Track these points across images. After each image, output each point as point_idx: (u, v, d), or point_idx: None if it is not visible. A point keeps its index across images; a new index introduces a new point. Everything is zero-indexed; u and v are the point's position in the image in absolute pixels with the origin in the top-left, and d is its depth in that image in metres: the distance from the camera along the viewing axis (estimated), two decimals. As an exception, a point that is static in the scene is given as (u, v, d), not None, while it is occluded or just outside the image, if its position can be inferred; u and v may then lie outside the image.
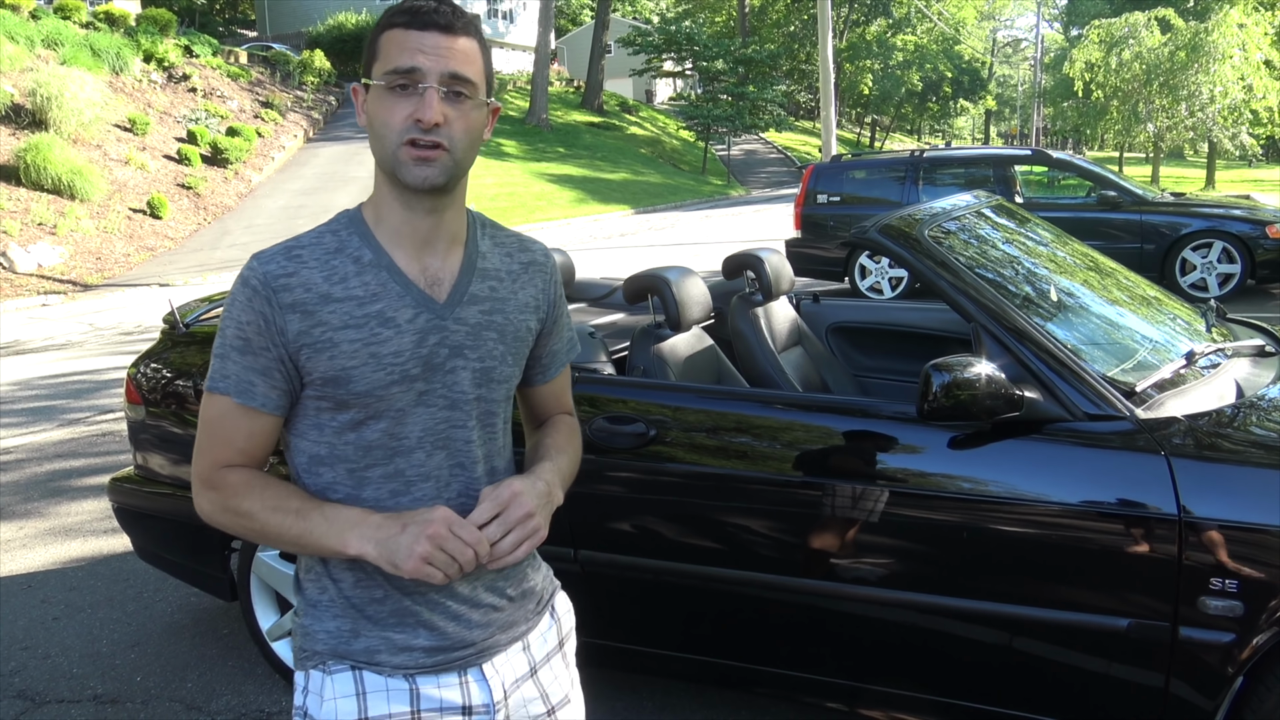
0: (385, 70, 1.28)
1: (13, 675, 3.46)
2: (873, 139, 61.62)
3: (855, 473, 2.39)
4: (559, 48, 55.92)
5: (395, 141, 1.28)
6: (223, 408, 1.33)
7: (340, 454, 1.34)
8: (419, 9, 1.28)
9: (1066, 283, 2.85)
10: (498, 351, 1.39)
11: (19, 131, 18.64)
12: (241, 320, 1.30)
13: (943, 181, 10.45)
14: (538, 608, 1.51)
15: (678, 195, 31.20)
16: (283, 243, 1.35)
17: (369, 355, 1.30)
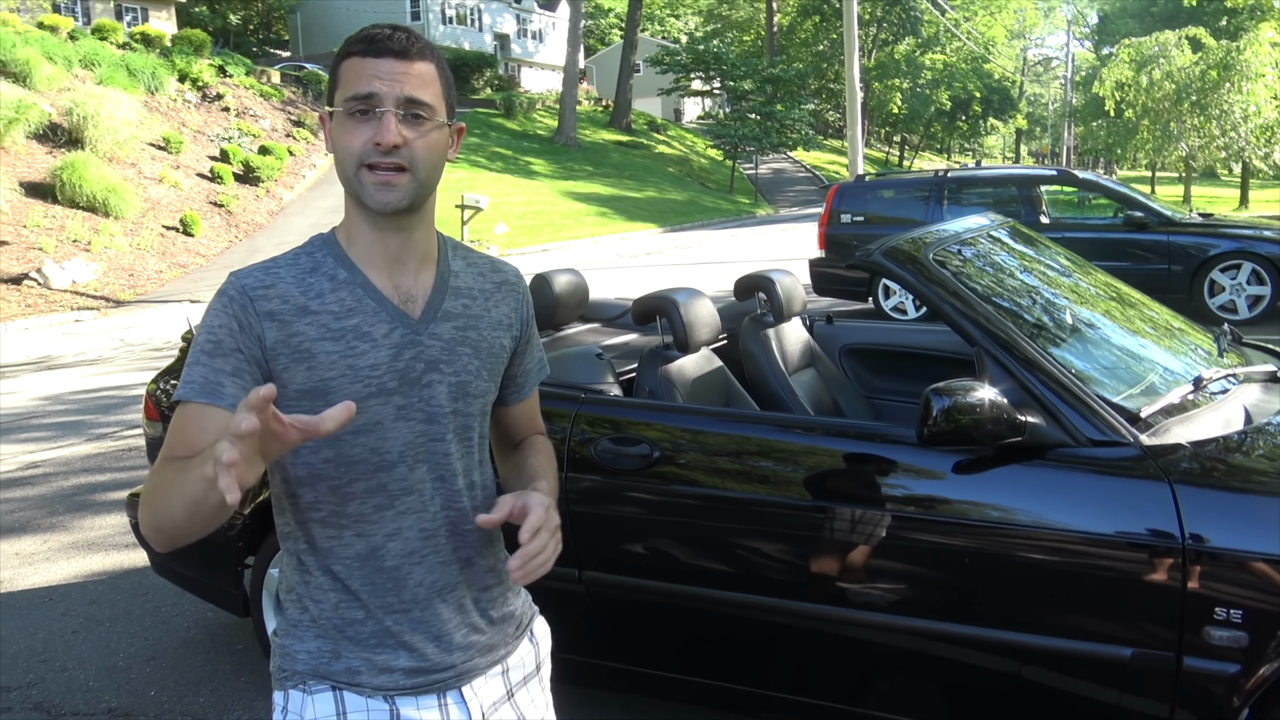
0: (345, 97, 1.31)
1: (30, 688, 3.51)
2: (901, 158, 61.44)
3: (859, 497, 2.38)
4: (588, 67, 56.26)
5: (355, 165, 1.30)
6: (187, 414, 1.27)
7: (321, 472, 1.34)
8: (375, 36, 1.32)
9: (1075, 306, 2.84)
10: (473, 366, 1.41)
11: (56, 150, 18.99)
12: (213, 325, 1.30)
13: (968, 201, 10.40)
14: (517, 632, 1.53)
15: (705, 214, 31.25)
16: (260, 262, 1.37)
17: (347, 367, 1.32)
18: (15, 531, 5.15)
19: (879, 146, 65.08)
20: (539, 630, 1.59)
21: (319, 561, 1.37)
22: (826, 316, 4.03)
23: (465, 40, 46.68)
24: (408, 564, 1.37)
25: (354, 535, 1.36)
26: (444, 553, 1.40)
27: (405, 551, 1.37)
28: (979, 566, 2.23)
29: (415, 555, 1.37)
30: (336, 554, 1.36)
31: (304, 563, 1.39)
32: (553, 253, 21.71)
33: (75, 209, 17.47)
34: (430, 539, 1.38)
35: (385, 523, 1.36)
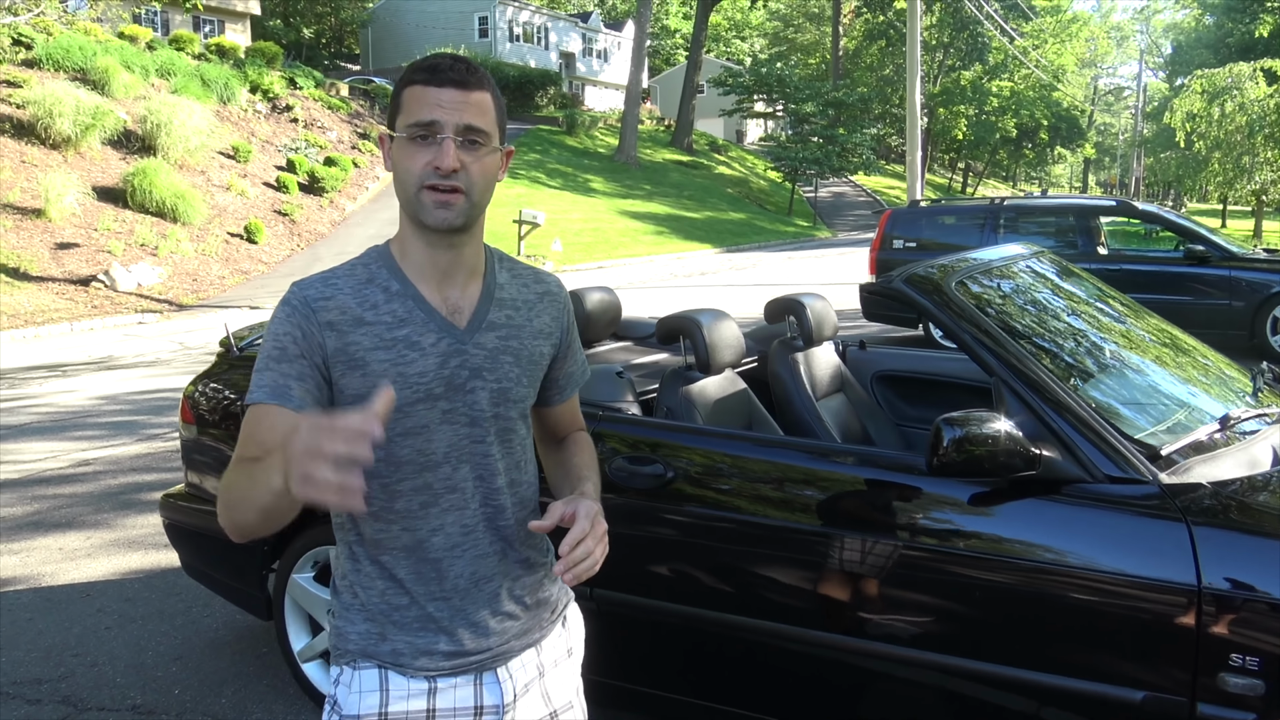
0: (407, 123, 1.40)
1: (60, 680, 3.58)
2: (965, 184, 60.81)
3: (873, 525, 2.35)
4: (651, 87, 56.57)
5: (416, 186, 1.41)
6: (257, 415, 1.39)
7: (372, 471, 1.43)
8: (437, 66, 1.42)
9: (1105, 340, 2.78)
10: (513, 374, 1.51)
11: (129, 156, 19.55)
12: (279, 333, 1.42)
13: (1025, 230, 10.26)
14: (552, 617, 1.63)
15: (762, 235, 31.19)
16: (320, 273, 1.49)
17: (397, 374, 1.42)
18: (61, 527, 5.28)
19: (942, 173, 64.51)
20: (572, 616, 1.69)
21: (369, 552, 1.49)
22: (859, 342, 3.99)
23: (531, 58, 47.22)
24: (449, 557, 1.48)
25: (401, 529, 1.47)
26: (482, 546, 1.50)
27: (448, 545, 1.48)
28: (990, 601, 2.18)
29: (457, 549, 1.48)
30: (385, 545, 1.48)
31: (355, 553, 1.51)
32: (608, 270, 21.81)
33: (145, 214, 17.95)
34: (470, 534, 1.49)
35: (430, 518, 1.47)
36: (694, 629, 2.57)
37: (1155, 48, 70.10)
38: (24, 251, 15.63)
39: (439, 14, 45.39)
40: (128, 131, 20.11)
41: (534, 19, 49.10)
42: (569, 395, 1.69)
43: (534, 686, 1.58)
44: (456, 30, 44.81)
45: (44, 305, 14.16)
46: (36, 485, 6.08)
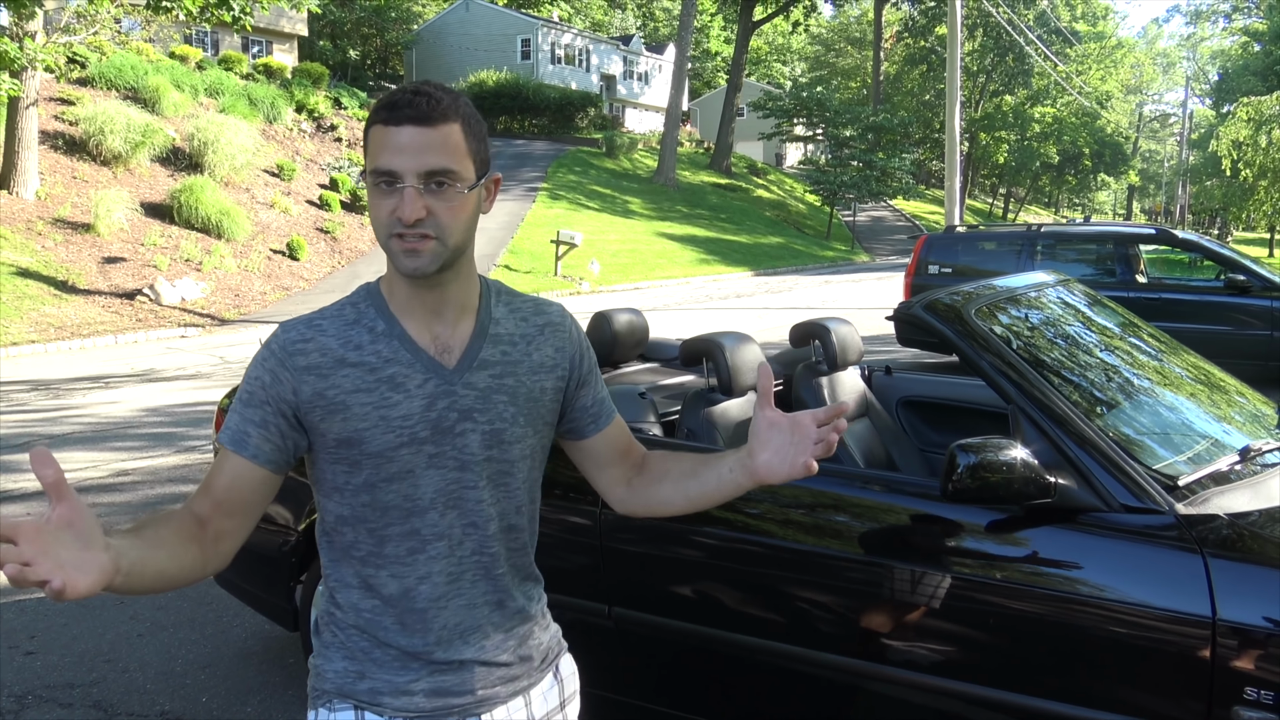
0: (371, 169, 1.34)
1: (92, 686, 3.66)
2: (1006, 210, 60.41)
3: (892, 550, 2.36)
4: (691, 109, 56.84)
5: (385, 234, 1.34)
6: (219, 456, 1.39)
7: (360, 515, 1.41)
8: (396, 103, 1.32)
9: (1127, 369, 2.77)
10: (508, 414, 1.43)
11: (176, 173, 19.96)
12: (252, 376, 1.39)
13: (1062, 257, 10.18)
14: (543, 665, 1.55)
15: (799, 259, 31.16)
16: (309, 314, 1.43)
17: (379, 418, 1.36)
18: (99, 535, 5.38)
19: (983, 198, 64.12)
20: (565, 667, 1.61)
21: (354, 596, 1.43)
22: (885, 368, 3.99)
23: (572, 80, 47.65)
24: (434, 607, 1.42)
25: (389, 576, 1.41)
26: (470, 596, 1.44)
27: (434, 595, 1.42)
28: (1006, 628, 2.18)
29: (443, 599, 1.42)
30: (375, 589, 1.42)
31: (338, 596, 1.45)
32: (644, 291, 21.88)
33: (190, 230, 18.29)
34: (456, 582, 1.43)
35: (418, 565, 1.41)
36: (712, 650, 2.58)
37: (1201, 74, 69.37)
38: (73, 265, 15.98)
39: (482, 36, 45.96)
40: (176, 149, 20.54)
41: (576, 41, 49.56)
42: (605, 423, 1.58)
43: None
44: (499, 52, 45.34)
45: (90, 318, 14.46)
46: (77, 494, 6.19)
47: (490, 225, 25.09)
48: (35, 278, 15.11)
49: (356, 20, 42.57)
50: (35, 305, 14.30)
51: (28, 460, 6.90)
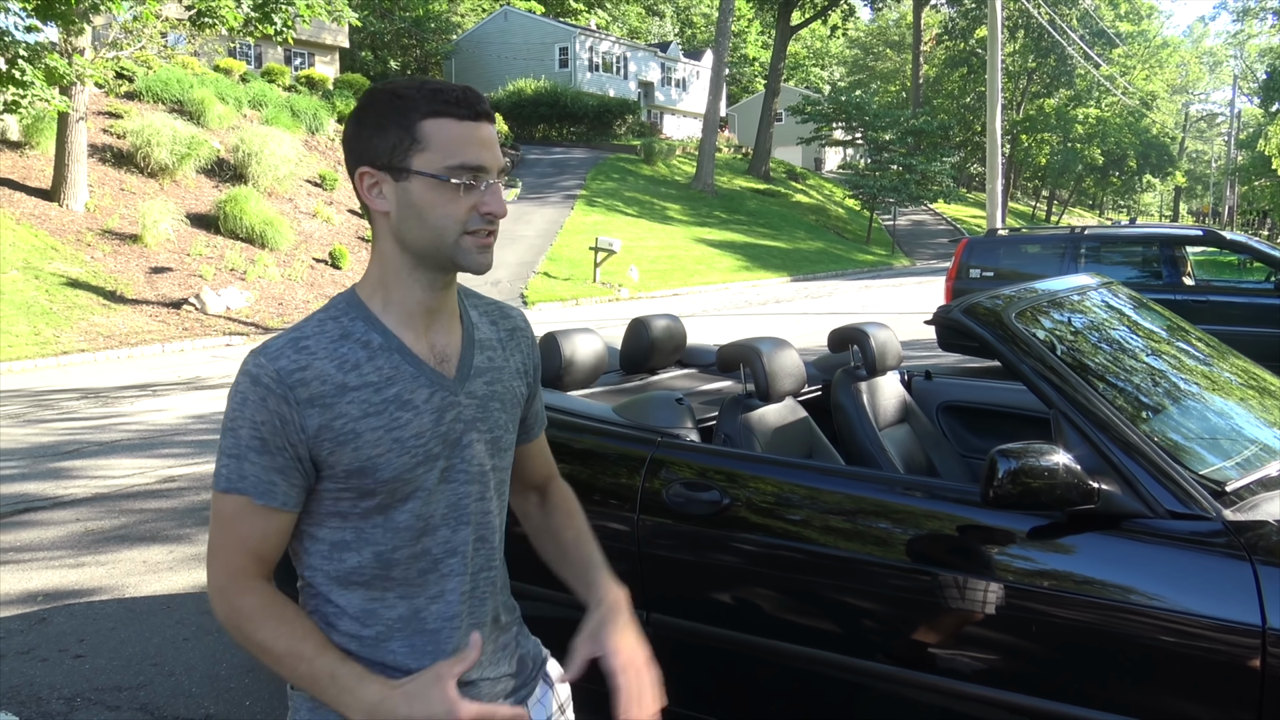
0: (449, 164, 1.28)
1: (139, 689, 3.72)
2: (1049, 213, 59.72)
3: (932, 556, 2.33)
4: (729, 115, 56.79)
5: (457, 232, 1.30)
6: (238, 507, 1.29)
7: (368, 537, 1.34)
8: (465, 99, 1.29)
9: (1173, 374, 2.72)
10: (502, 420, 1.43)
11: (221, 184, 20.27)
12: (256, 420, 1.27)
13: (1107, 260, 10.04)
14: (532, 672, 1.55)
15: (839, 264, 31.00)
16: (285, 335, 1.32)
17: (392, 441, 1.30)
18: (145, 540, 5.48)
19: (1026, 201, 63.45)
20: (553, 671, 1.60)
21: (351, 625, 1.36)
22: (925, 372, 3.96)
23: (610, 87, 47.80)
24: (448, 628, 1.37)
25: (397, 598, 1.35)
26: (478, 614, 1.42)
27: (447, 615, 1.37)
28: (1049, 636, 2.15)
29: (456, 619, 1.38)
30: (379, 615, 1.35)
31: (337, 619, 1.36)
32: (683, 297, 21.88)
33: (235, 240, 18.58)
34: (469, 598, 1.40)
35: (429, 585, 1.36)
36: (752, 657, 2.57)
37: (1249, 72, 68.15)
38: (121, 275, 16.27)
39: (521, 45, 46.23)
40: (221, 160, 20.86)
41: (613, 49, 49.72)
42: (537, 433, 1.61)
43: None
44: (537, 61, 45.57)
45: (138, 327, 14.72)
46: (124, 500, 6.32)
47: (529, 233, 25.22)
48: (85, 288, 15.41)
49: (397, 31, 43.01)
50: (85, 315, 14.58)
51: (79, 467, 7.05)
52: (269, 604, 1.31)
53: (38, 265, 15.52)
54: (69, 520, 5.89)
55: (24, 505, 6.21)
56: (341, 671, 1.29)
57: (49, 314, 14.23)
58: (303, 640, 1.29)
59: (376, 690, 1.28)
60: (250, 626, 1.30)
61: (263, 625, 1.30)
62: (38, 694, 3.68)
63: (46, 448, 7.85)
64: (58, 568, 5.06)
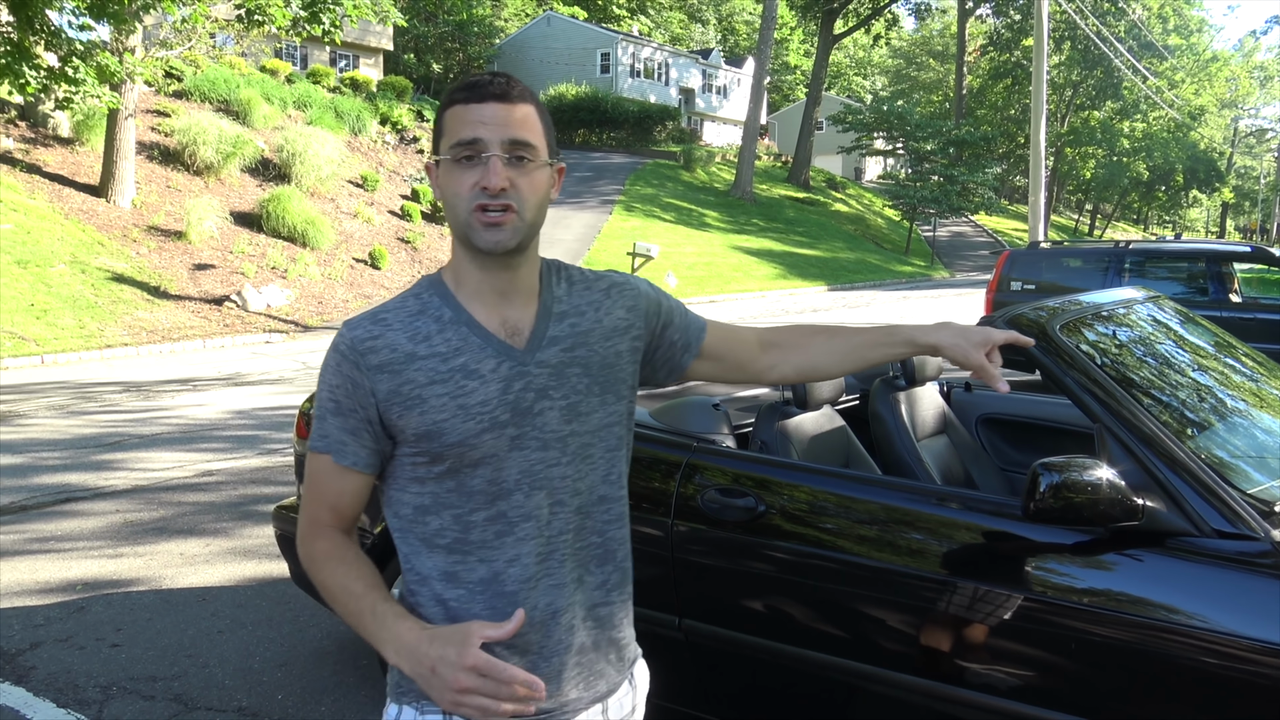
0: (450, 144, 1.36)
1: (173, 680, 3.76)
2: (1092, 227, 59.01)
3: (969, 569, 2.30)
4: (770, 123, 56.67)
5: (466, 209, 1.36)
6: (320, 465, 1.43)
7: (445, 501, 1.40)
8: (476, 83, 1.37)
9: (1221, 390, 2.67)
10: (582, 385, 1.45)
11: (265, 183, 20.50)
12: (333, 384, 1.40)
13: (1152, 275, 9.90)
14: (622, 667, 1.55)
15: (877, 274, 30.81)
16: (371, 309, 1.43)
17: (457, 407, 1.36)
18: (183, 533, 5.54)
19: (1069, 214, 62.74)
20: (639, 674, 1.60)
21: (438, 587, 1.42)
22: (965, 384, 3.91)
23: (651, 94, 47.87)
24: (525, 589, 1.40)
25: (477, 560, 1.40)
26: (558, 575, 1.43)
27: (524, 577, 1.40)
28: (1089, 655, 2.11)
29: (532, 580, 1.41)
30: (461, 578, 1.41)
31: (420, 590, 1.44)
32: (720, 304, 21.84)
33: (277, 238, 18.77)
34: (545, 562, 1.42)
35: (506, 549, 1.40)
36: (783, 666, 2.55)
37: (1301, 88, 66.95)
38: (165, 271, 16.50)
39: (562, 50, 46.44)
40: (265, 160, 21.10)
41: (655, 55, 49.79)
42: (700, 340, 1.62)
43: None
44: (579, 66, 45.76)
45: (180, 322, 14.91)
46: (163, 492, 6.39)
47: (567, 237, 25.30)
48: (130, 283, 15.64)
49: (440, 35, 43.32)
50: (129, 310, 14.80)
51: (120, 459, 7.15)
52: (336, 548, 1.43)
53: (84, 260, 15.78)
54: (109, 511, 5.97)
55: (65, 495, 6.30)
56: (382, 608, 1.37)
57: (94, 308, 14.46)
58: (355, 579, 1.40)
59: (409, 628, 1.34)
60: (316, 567, 1.43)
61: (325, 566, 1.42)
62: (75, 681, 3.73)
63: (89, 439, 7.97)
64: (97, 558, 5.13)
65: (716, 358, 1.65)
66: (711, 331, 1.65)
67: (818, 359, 1.67)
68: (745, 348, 1.67)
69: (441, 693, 1.28)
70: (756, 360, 1.68)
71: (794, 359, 1.67)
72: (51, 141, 19.06)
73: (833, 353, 1.66)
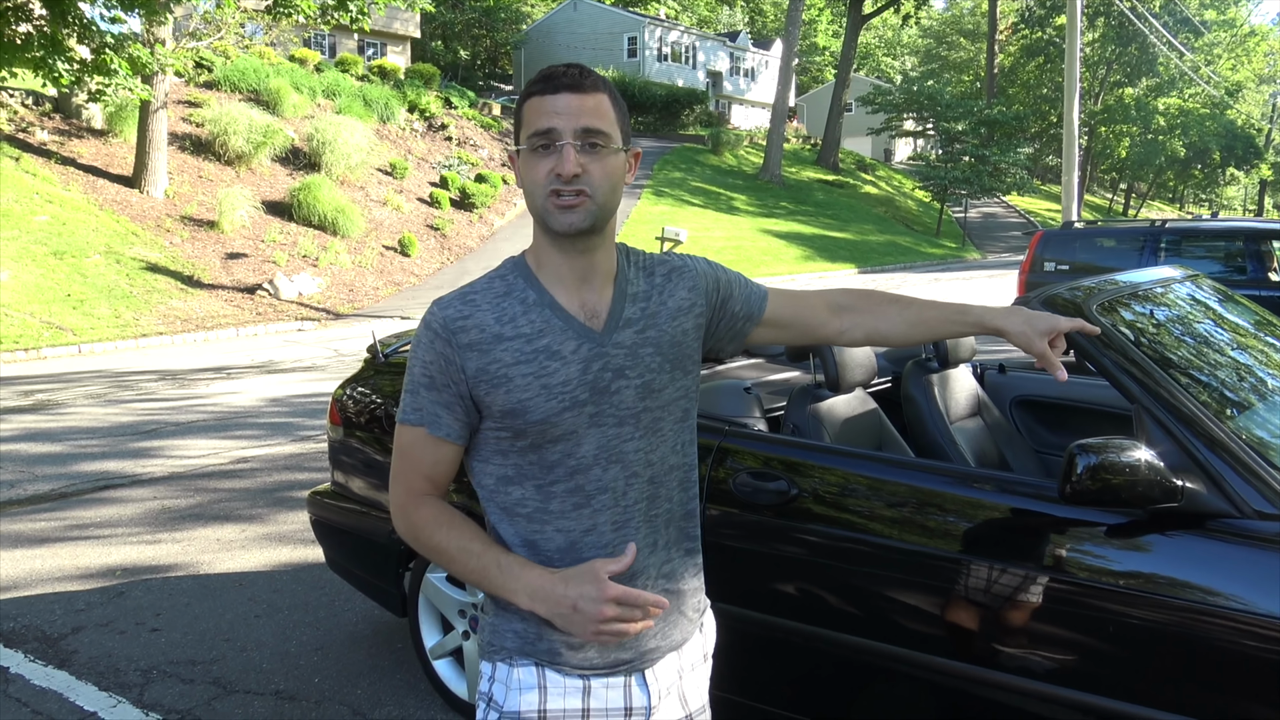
0: (528, 134, 1.43)
1: (211, 663, 3.81)
2: (1126, 206, 58.21)
3: (1004, 552, 2.28)
4: (798, 105, 56.26)
5: (542, 195, 1.43)
6: (413, 437, 1.51)
7: (527, 472, 1.49)
8: (551, 75, 1.44)
9: (1263, 370, 2.62)
10: (655, 363, 1.52)
11: (295, 172, 20.64)
12: (426, 360, 1.48)
13: (1189, 254, 9.75)
14: (696, 618, 1.65)
15: (907, 256, 30.58)
16: (460, 289, 1.52)
17: (540, 387, 1.45)
18: (219, 519, 5.60)
19: (1102, 194, 61.93)
20: (708, 623, 1.71)
21: (522, 553, 1.51)
22: (999, 366, 3.88)
23: (679, 77, 47.66)
24: (603, 556, 1.48)
25: (555, 530, 1.49)
26: (635, 540, 1.51)
27: (600, 544, 1.49)
28: (1126, 637, 2.09)
29: (609, 547, 1.49)
30: (540, 546, 1.50)
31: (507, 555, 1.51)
32: (745, 287, 21.74)
33: (307, 227, 18.90)
34: (621, 529, 1.50)
35: (583, 519, 1.48)
36: (815, 649, 2.54)
37: (1343, 62, 65.60)
38: (198, 261, 16.67)
39: (589, 35, 46.32)
40: (295, 149, 21.24)
41: (682, 39, 49.55)
42: (761, 309, 1.69)
43: (674, 689, 1.59)
44: (606, 51, 45.63)
45: (214, 311, 15.07)
46: (199, 479, 6.47)
47: (596, 222, 25.27)
48: (164, 273, 15.81)
49: (467, 21, 43.36)
50: (164, 299, 14.96)
51: (157, 446, 7.24)
52: (441, 513, 1.52)
53: (119, 250, 15.97)
54: (147, 498, 6.06)
55: (104, 482, 6.40)
56: (506, 560, 1.48)
57: (129, 297, 14.64)
58: (472, 539, 1.49)
59: (538, 574, 1.46)
60: (426, 533, 1.51)
61: (436, 531, 1.50)
62: (116, 665, 3.78)
63: (126, 427, 8.08)
64: (135, 543, 5.21)
65: (781, 324, 1.72)
66: (774, 299, 1.72)
67: (888, 327, 1.75)
68: (812, 313, 1.74)
69: (584, 625, 1.41)
70: (826, 324, 1.75)
71: (866, 324, 1.75)
72: (85, 134, 19.28)
73: (904, 322, 1.74)
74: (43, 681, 3.65)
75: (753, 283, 1.72)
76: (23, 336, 12.53)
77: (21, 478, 6.51)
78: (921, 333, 1.74)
